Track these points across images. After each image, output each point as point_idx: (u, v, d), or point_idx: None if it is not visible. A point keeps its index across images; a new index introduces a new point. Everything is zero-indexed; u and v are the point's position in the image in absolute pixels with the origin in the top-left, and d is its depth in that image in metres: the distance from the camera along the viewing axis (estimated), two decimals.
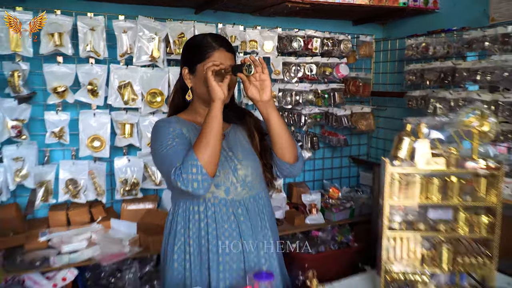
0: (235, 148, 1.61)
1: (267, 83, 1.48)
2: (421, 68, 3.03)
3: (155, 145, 1.51)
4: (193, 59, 1.55)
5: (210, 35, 1.58)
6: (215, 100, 1.41)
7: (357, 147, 3.92)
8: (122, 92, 2.66)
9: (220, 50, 1.52)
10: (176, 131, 1.51)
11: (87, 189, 2.68)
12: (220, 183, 1.53)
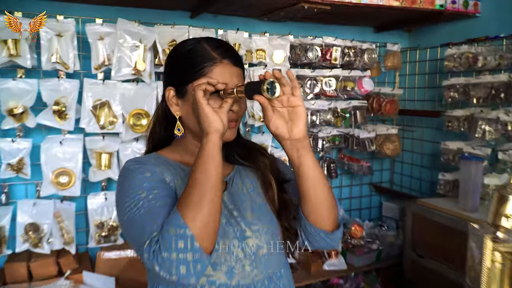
0: (242, 205, 1.11)
1: (300, 111, 1.02)
2: (465, 83, 2.49)
3: (121, 199, 1.00)
4: (183, 75, 1.06)
5: (208, 40, 1.10)
6: (210, 133, 0.96)
7: (379, 173, 3.37)
8: (98, 114, 2.13)
9: (224, 64, 1.05)
10: (154, 177, 1.02)
11: (52, 235, 2.12)
12: (219, 261, 1.03)
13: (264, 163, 1.18)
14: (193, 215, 0.88)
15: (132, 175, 1.02)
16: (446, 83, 2.60)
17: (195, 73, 1.03)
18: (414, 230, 2.59)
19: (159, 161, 1.10)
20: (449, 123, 2.60)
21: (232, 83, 1.03)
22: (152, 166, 1.05)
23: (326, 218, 1.09)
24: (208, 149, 0.94)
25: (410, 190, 3.25)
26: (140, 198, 0.96)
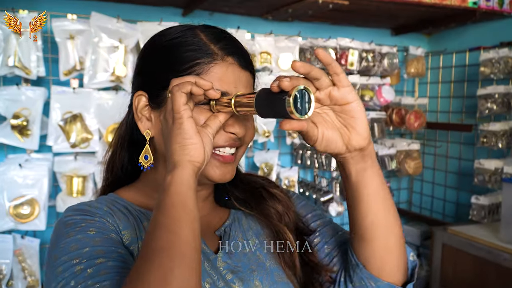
0: (245, 270, 0.75)
1: (355, 107, 0.66)
2: (504, 92, 2.13)
3: (50, 270, 0.64)
4: (162, 74, 0.71)
5: (205, 28, 0.75)
6: (179, 165, 0.61)
7: (397, 193, 3.00)
8: (68, 129, 1.75)
9: (227, 63, 0.71)
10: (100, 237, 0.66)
11: (13, 277, 1.74)
12: None
13: (276, 210, 0.81)
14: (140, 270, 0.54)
15: (67, 233, 0.66)
16: (481, 92, 2.23)
17: (181, 72, 0.69)
18: (444, 262, 2.23)
19: (116, 208, 0.74)
20: (484, 139, 2.23)
21: (237, 92, 0.68)
22: (102, 216, 0.69)
23: (395, 265, 0.75)
24: (173, 193, 0.59)
25: (431, 213, 2.89)
26: (74, 273, 0.59)
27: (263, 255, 0.79)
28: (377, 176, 0.71)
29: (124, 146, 0.80)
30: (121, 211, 0.73)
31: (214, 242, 0.78)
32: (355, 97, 0.65)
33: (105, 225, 0.68)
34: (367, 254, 0.75)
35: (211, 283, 0.71)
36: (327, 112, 0.67)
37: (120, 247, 0.67)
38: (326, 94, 0.65)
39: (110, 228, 0.68)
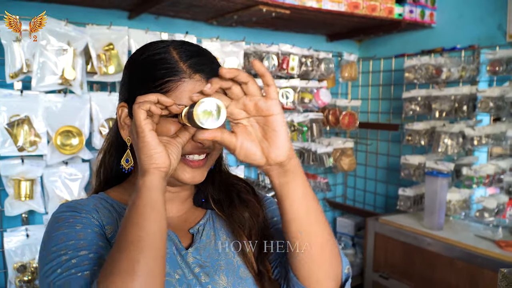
0: (213, 265, 0.84)
1: (277, 121, 0.70)
2: (426, 95, 2.40)
3: (42, 258, 0.74)
4: (140, 90, 0.78)
5: (179, 45, 0.81)
6: (148, 171, 0.69)
7: (333, 187, 3.22)
8: (15, 133, 1.72)
9: (194, 80, 0.77)
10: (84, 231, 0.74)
11: None
12: None
13: (242, 215, 0.89)
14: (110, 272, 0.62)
15: (58, 227, 0.75)
16: (406, 95, 2.49)
17: (152, 90, 0.76)
18: (376, 249, 2.45)
19: (102, 205, 0.82)
20: (409, 137, 2.50)
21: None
22: (89, 212, 0.77)
23: (324, 277, 0.79)
24: (144, 195, 0.67)
25: (364, 205, 3.14)
26: (61, 262, 0.69)
27: (232, 252, 0.87)
28: (300, 189, 0.74)
29: (112, 150, 0.87)
30: (107, 208, 0.80)
31: (188, 238, 0.87)
32: (279, 110, 0.69)
33: (90, 220, 0.76)
34: (296, 263, 0.79)
35: (181, 275, 0.80)
36: (253, 124, 0.71)
37: (101, 240, 0.75)
38: (253, 102, 0.69)
39: (94, 224, 0.76)
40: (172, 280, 0.78)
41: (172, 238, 0.84)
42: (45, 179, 1.83)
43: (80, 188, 1.87)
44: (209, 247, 0.86)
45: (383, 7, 2.42)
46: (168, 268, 0.79)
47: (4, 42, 1.72)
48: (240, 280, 0.84)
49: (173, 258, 0.81)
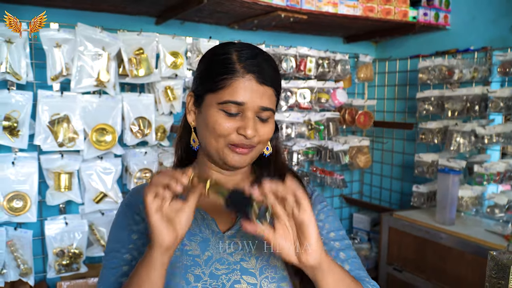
0: (248, 249, 0.95)
1: (308, 230, 0.78)
2: (439, 95, 2.49)
3: (108, 239, 1.00)
4: (203, 83, 0.94)
5: (241, 48, 0.93)
6: (151, 247, 0.82)
7: (349, 185, 3.33)
8: (56, 130, 1.90)
9: (245, 79, 0.89)
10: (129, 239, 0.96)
11: (6, 266, 1.87)
12: None
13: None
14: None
15: (119, 220, 1.00)
16: (420, 95, 2.58)
17: (212, 84, 0.90)
18: (390, 243, 2.55)
19: None
20: (422, 136, 2.59)
21: (253, 102, 0.88)
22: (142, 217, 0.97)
23: None
24: (143, 270, 0.81)
25: (380, 202, 3.24)
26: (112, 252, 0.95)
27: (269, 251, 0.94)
28: (331, 285, 0.81)
29: (184, 133, 1.02)
30: None
31: (227, 224, 0.98)
32: (311, 221, 0.76)
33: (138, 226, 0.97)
34: None
35: (209, 255, 0.92)
36: (292, 225, 0.79)
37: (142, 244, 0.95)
38: (289, 210, 0.77)
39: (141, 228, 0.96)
40: (199, 259, 0.91)
41: (209, 222, 0.96)
42: (82, 172, 2.00)
43: (113, 181, 2.04)
44: (248, 236, 0.94)
45: (397, 11, 2.52)
46: (198, 249, 0.92)
47: (45, 47, 1.90)
48: (270, 266, 0.93)
49: (206, 240, 0.94)
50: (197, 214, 0.97)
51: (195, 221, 0.96)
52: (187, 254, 0.92)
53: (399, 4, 2.53)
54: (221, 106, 0.89)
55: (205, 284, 0.88)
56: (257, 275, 0.92)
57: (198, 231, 0.95)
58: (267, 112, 0.91)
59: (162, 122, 2.22)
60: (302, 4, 2.21)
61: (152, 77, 2.10)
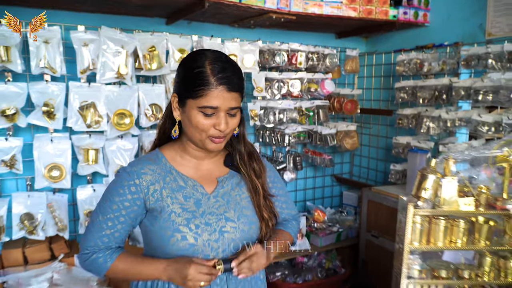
0: (229, 203, 1.32)
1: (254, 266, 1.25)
2: (413, 85, 2.84)
3: (102, 195, 1.29)
4: (185, 90, 1.23)
5: (213, 62, 1.20)
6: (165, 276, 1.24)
7: (340, 166, 3.71)
8: (84, 114, 2.33)
9: (219, 90, 1.18)
10: (127, 197, 1.25)
11: (46, 224, 2.32)
12: (198, 251, 1.24)
13: (256, 173, 1.37)
14: (115, 275, 1.27)
15: (114, 182, 1.28)
16: (397, 85, 2.94)
17: (192, 93, 1.19)
18: (369, 213, 2.93)
19: (155, 167, 1.29)
20: (399, 121, 2.94)
21: (224, 105, 1.19)
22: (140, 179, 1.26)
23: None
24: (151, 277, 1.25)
25: (367, 180, 3.61)
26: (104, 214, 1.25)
27: (241, 198, 1.33)
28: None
29: (167, 121, 1.34)
30: (156, 167, 1.28)
31: (212, 186, 1.32)
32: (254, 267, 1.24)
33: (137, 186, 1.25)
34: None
35: (203, 210, 1.28)
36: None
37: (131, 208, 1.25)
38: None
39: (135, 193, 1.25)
40: (196, 214, 1.27)
41: (197, 187, 1.30)
42: (106, 149, 2.42)
43: (131, 157, 2.46)
44: (226, 192, 1.32)
45: (378, 10, 2.86)
46: (194, 206, 1.28)
47: (75, 46, 2.31)
48: (243, 215, 1.31)
49: (198, 199, 1.30)
50: (189, 182, 1.30)
51: (189, 187, 1.29)
52: (187, 210, 1.26)
53: (380, 4, 2.87)
54: (200, 109, 1.19)
55: (203, 229, 1.26)
56: (236, 221, 1.30)
57: (191, 194, 1.29)
58: (234, 110, 1.23)
59: None
60: (291, 7, 2.58)
61: (163, 70, 2.51)
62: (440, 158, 1.37)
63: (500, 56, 2.32)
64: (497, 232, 1.35)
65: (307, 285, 2.82)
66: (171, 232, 1.22)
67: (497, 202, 1.32)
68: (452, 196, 1.29)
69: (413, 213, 1.28)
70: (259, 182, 1.36)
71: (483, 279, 1.35)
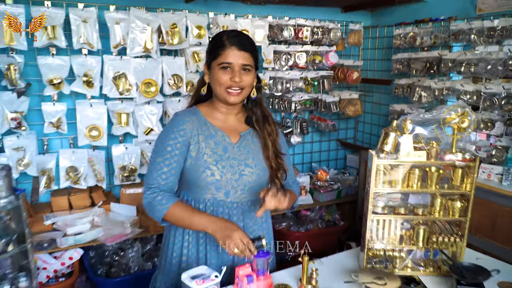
0: (248, 153, 1.63)
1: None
2: (408, 58, 3.13)
3: (157, 140, 1.60)
4: (209, 55, 1.57)
5: (227, 32, 1.56)
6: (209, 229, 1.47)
7: (345, 131, 4.05)
8: (117, 83, 2.73)
9: (232, 48, 1.50)
10: (178, 139, 1.54)
11: (87, 175, 2.77)
12: (222, 186, 1.57)
13: (268, 132, 1.65)
14: (169, 220, 1.52)
15: (169, 129, 1.56)
16: (394, 57, 3.23)
17: (214, 55, 1.52)
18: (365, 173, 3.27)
19: (194, 117, 1.58)
20: (395, 90, 3.25)
21: (236, 61, 1.49)
22: (186, 122, 1.55)
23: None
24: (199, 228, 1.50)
25: (369, 145, 3.94)
26: (162, 154, 1.53)
27: (257, 151, 1.63)
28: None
29: (200, 84, 1.66)
30: (195, 118, 1.57)
31: (236, 138, 1.61)
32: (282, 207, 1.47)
33: (185, 129, 1.53)
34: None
35: (228, 156, 1.61)
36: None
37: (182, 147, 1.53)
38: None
39: (186, 132, 1.53)
40: (223, 157, 1.56)
41: (225, 137, 1.59)
42: (135, 113, 2.84)
43: (156, 120, 2.87)
44: (246, 144, 1.62)
45: None
46: (222, 151, 1.57)
47: (109, 25, 2.68)
48: (259, 164, 1.61)
49: (225, 146, 1.59)
50: (219, 133, 1.59)
51: (218, 136, 1.59)
52: (216, 154, 1.56)
53: None
54: (220, 66, 1.50)
55: (227, 170, 1.56)
56: (253, 167, 1.61)
57: (220, 141, 1.58)
58: (247, 66, 1.51)
59: (191, 78, 3.00)
60: None
61: (183, 45, 2.87)
62: (400, 120, 1.71)
63: (481, 31, 2.58)
64: (445, 179, 1.70)
65: (308, 233, 3.23)
66: (203, 169, 1.54)
67: (445, 155, 1.67)
68: (408, 149, 1.64)
69: (376, 162, 1.64)
70: (270, 140, 1.64)
71: (434, 216, 1.72)
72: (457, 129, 1.66)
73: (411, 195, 1.79)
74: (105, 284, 2.61)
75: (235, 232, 1.40)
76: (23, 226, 1.01)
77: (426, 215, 1.70)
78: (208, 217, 1.48)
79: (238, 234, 1.40)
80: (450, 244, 1.71)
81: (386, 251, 1.74)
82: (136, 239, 2.77)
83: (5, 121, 2.48)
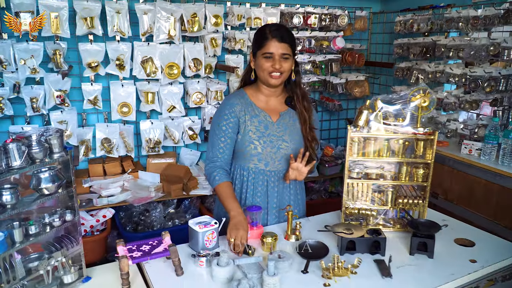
0: (285, 130, 1.90)
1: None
2: (407, 43, 3.39)
3: (213, 121, 1.92)
4: (254, 45, 1.82)
5: (270, 26, 1.79)
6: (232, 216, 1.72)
7: (353, 111, 4.34)
8: (145, 66, 3.14)
9: (273, 40, 1.74)
10: (230, 120, 1.85)
11: (118, 146, 3.22)
12: (263, 158, 1.88)
13: (306, 108, 1.91)
14: (215, 191, 1.84)
15: (222, 110, 1.87)
16: (395, 42, 3.49)
17: (258, 45, 1.78)
18: None
19: (241, 99, 1.87)
20: (396, 72, 3.52)
21: (277, 51, 1.73)
22: (235, 105, 1.85)
23: None
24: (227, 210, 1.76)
25: None
26: (218, 133, 1.86)
27: (294, 128, 1.89)
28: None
29: (248, 69, 1.91)
30: (243, 100, 1.86)
31: (276, 117, 1.88)
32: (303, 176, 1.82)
33: (235, 110, 1.84)
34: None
35: (269, 133, 1.94)
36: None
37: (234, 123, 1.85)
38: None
39: (236, 113, 1.84)
40: (264, 133, 1.85)
41: (267, 117, 1.86)
42: (160, 93, 3.25)
43: (178, 99, 3.28)
44: (285, 123, 1.88)
45: None
46: (264, 129, 1.85)
47: (138, 15, 3.08)
48: (294, 139, 1.89)
49: (267, 124, 1.87)
50: (262, 113, 1.86)
51: (261, 115, 1.86)
52: (259, 131, 1.84)
53: None
54: (263, 55, 1.75)
55: (268, 145, 1.85)
56: (289, 142, 1.88)
57: (263, 120, 1.86)
58: (286, 55, 1.75)
59: (209, 61, 3.38)
60: None
61: (202, 32, 3.24)
62: (372, 99, 2.04)
63: (466, 19, 2.83)
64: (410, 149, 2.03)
65: (314, 202, 3.59)
66: (248, 143, 1.85)
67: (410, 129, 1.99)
68: (377, 125, 1.98)
69: (351, 135, 1.99)
70: (307, 115, 1.90)
71: (401, 180, 2.05)
72: (421, 107, 1.98)
73: (386, 165, 2.12)
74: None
75: (241, 230, 1.65)
76: (70, 175, 1.40)
77: (394, 180, 2.03)
78: (235, 207, 1.74)
79: (242, 233, 1.65)
80: (413, 205, 2.05)
81: (360, 210, 2.09)
82: (159, 202, 3.22)
83: (51, 98, 2.95)
